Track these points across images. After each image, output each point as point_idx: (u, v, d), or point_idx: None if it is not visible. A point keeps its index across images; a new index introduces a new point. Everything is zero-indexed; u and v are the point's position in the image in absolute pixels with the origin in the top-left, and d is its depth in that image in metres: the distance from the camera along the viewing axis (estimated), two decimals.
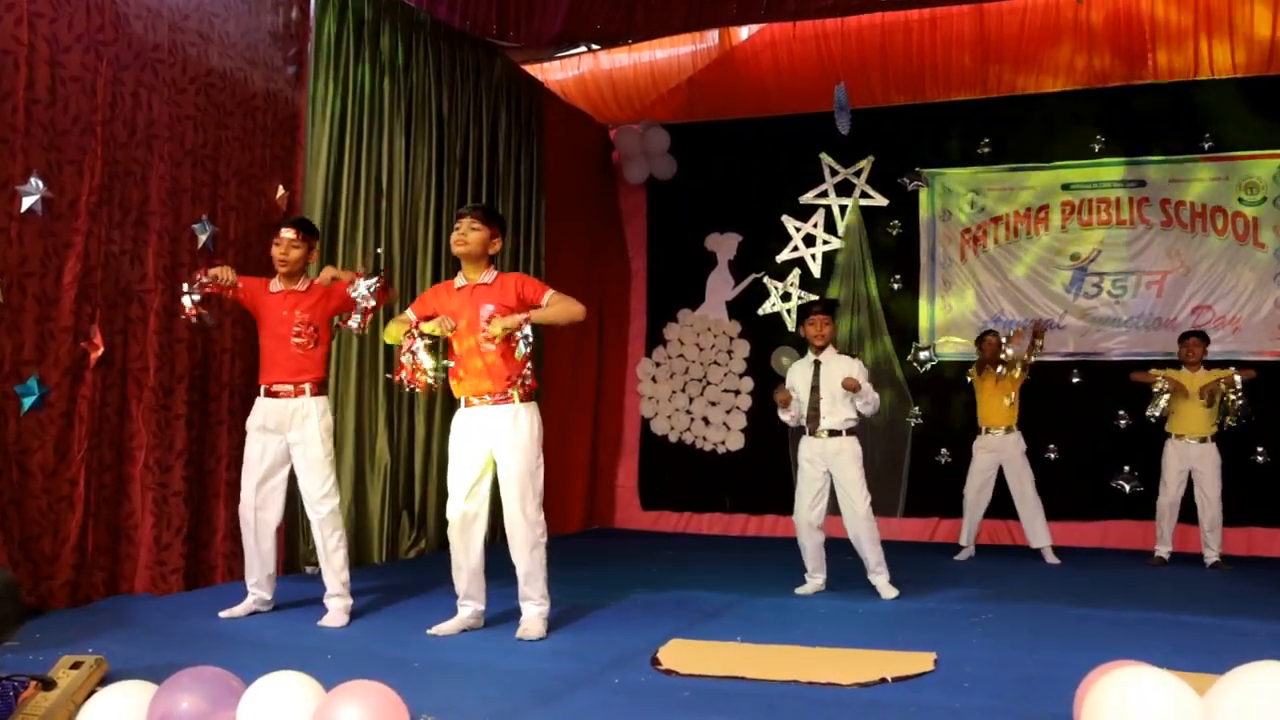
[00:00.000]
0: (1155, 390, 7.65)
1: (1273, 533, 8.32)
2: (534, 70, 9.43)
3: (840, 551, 6.39)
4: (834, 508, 6.21)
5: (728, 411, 9.76)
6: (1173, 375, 7.74)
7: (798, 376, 6.35)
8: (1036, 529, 7.79)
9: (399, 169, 7.39)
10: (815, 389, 6.20)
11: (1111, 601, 5.99)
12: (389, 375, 5.01)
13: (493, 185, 8.43)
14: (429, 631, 4.66)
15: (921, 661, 4.11)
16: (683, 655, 4.22)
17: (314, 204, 6.72)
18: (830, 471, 6.15)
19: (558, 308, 4.84)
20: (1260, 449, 8.43)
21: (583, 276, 9.73)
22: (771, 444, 9.44)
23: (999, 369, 7.90)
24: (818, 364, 6.25)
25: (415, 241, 7.60)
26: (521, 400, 4.74)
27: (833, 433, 6.15)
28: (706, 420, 9.84)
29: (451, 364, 4.81)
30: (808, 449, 6.22)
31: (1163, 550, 7.69)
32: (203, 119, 6.00)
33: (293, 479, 5.17)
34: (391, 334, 4.94)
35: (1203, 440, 7.59)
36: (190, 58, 5.90)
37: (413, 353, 4.71)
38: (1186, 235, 8.92)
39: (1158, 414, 7.64)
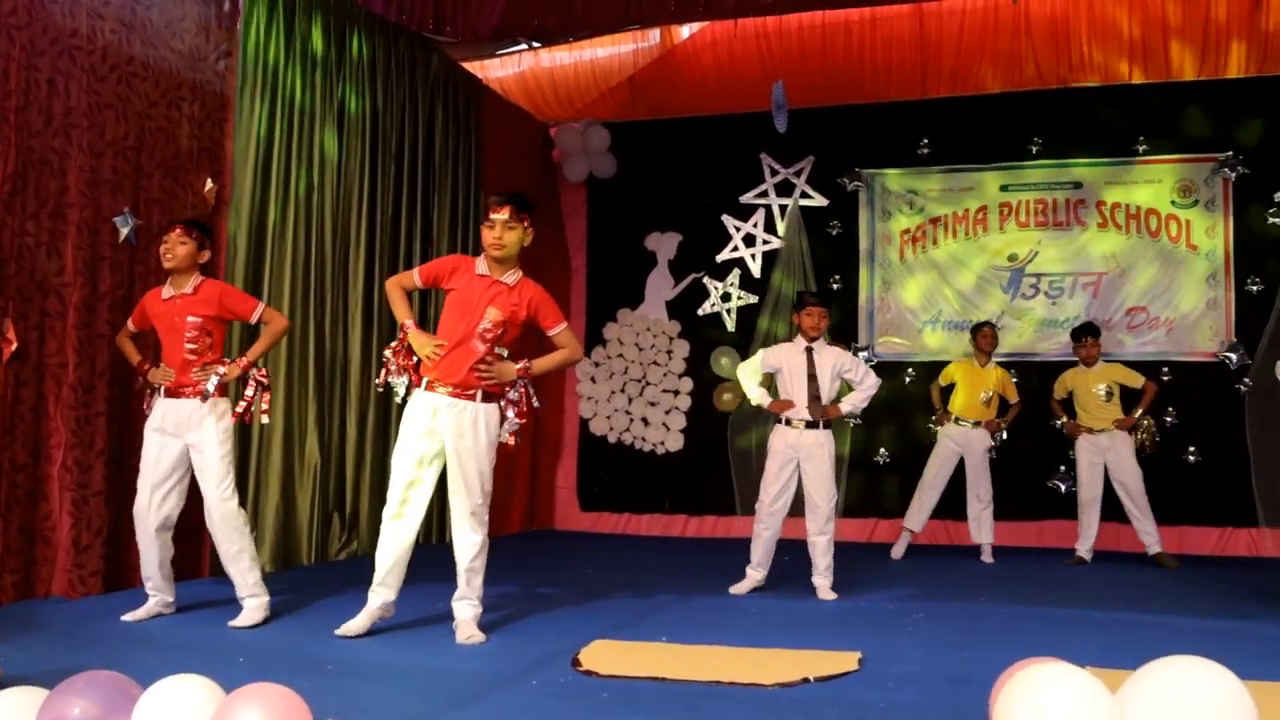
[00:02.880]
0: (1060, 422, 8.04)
1: (1204, 531, 8.41)
2: (474, 67, 9.33)
3: (780, 552, 6.36)
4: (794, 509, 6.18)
5: (667, 412, 9.71)
6: (1069, 377, 7.96)
7: (788, 361, 6.17)
8: (984, 525, 7.83)
9: (331, 164, 7.27)
10: (813, 377, 6.08)
11: (1045, 599, 6.00)
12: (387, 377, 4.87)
13: (429, 182, 8.32)
14: (336, 632, 4.53)
15: (846, 661, 4.07)
16: (605, 656, 4.15)
17: (243, 198, 6.59)
18: (801, 465, 6.05)
19: (559, 354, 4.76)
20: (1191, 448, 8.52)
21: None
22: (711, 444, 9.40)
23: (988, 364, 8.04)
24: (810, 350, 6.14)
25: (348, 237, 7.48)
26: (484, 400, 4.62)
27: (809, 425, 6.05)
28: (646, 421, 9.78)
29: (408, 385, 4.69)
30: (783, 439, 6.09)
31: (1083, 549, 7.72)
32: (124, 109, 5.85)
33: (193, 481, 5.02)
34: (394, 301, 4.80)
35: (1108, 430, 7.67)
36: (111, 45, 5.75)
37: (390, 378, 4.68)
38: (1122, 236, 8.99)
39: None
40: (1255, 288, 8.64)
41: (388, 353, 4.71)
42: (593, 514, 9.88)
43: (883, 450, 9.10)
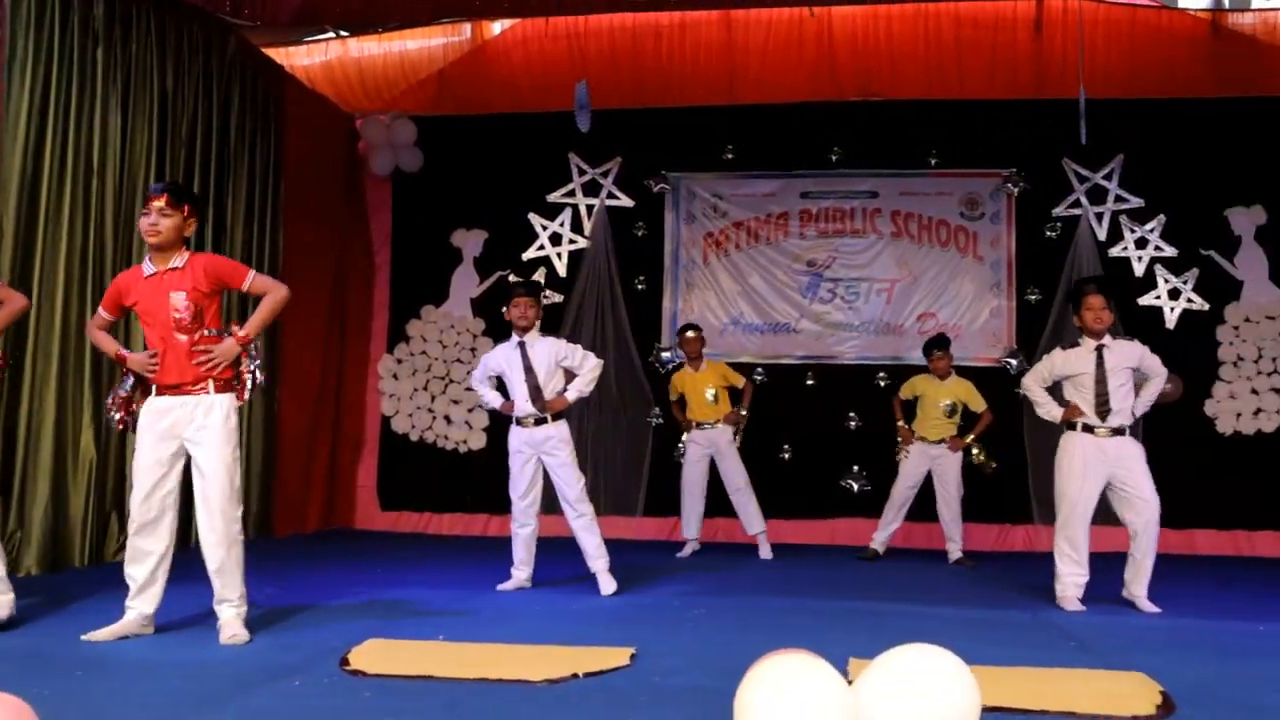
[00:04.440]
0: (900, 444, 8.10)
1: (985, 527, 8.80)
2: (278, 54, 9.05)
3: (568, 549, 6.36)
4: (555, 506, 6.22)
5: (470, 410, 9.60)
6: (919, 382, 8.08)
7: (506, 361, 6.23)
8: (750, 515, 7.96)
9: (114, 146, 6.94)
10: (530, 370, 6.11)
11: (829, 594, 6.15)
12: (108, 418, 4.72)
13: (223, 169, 8.04)
14: (83, 637, 4.31)
15: (618, 656, 4.08)
16: (375, 655, 4.06)
17: (11, 178, 6.25)
18: (543, 459, 6.11)
19: (265, 303, 4.58)
20: (974, 449, 8.88)
21: (324, 269, 9.42)
22: None
23: (701, 366, 8.09)
24: (523, 345, 6.16)
25: (132, 224, 7.12)
26: (218, 390, 4.48)
27: (539, 420, 6.10)
28: (449, 419, 9.66)
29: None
30: (518, 438, 6.16)
31: (879, 541, 7.97)
32: None
33: None
34: (100, 342, 4.72)
35: (941, 441, 7.92)
36: None
37: (124, 402, 4.54)
38: (914, 246, 9.36)
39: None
40: (1034, 297, 9.13)
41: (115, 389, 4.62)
42: (393, 513, 9.70)
43: (681, 448, 9.19)
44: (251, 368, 4.55)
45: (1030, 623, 5.26)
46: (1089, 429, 5.74)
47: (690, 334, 8.14)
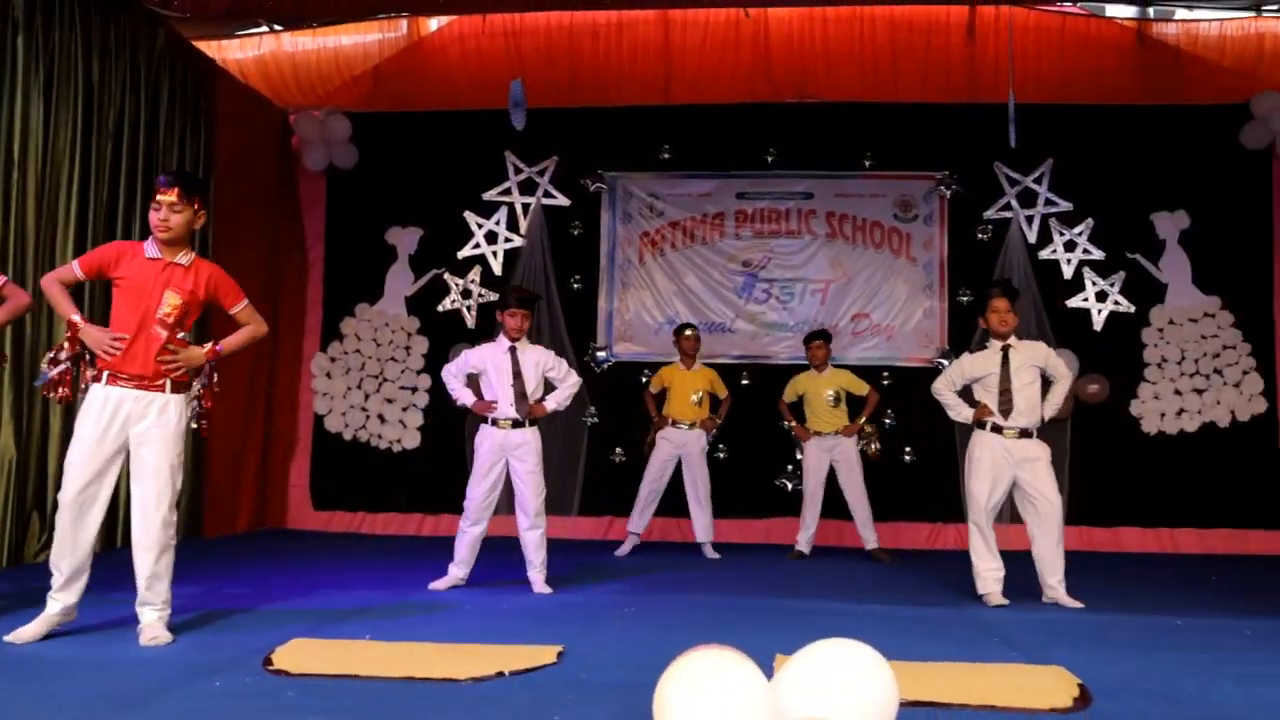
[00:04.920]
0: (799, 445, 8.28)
1: (916, 526, 8.94)
2: (210, 47, 8.93)
3: (499, 549, 6.34)
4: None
5: (404, 409, 9.53)
6: (800, 381, 8.24)
7: (491, 361, 6.18)
8: (703, 524, 8.03)
9: (35, 138, 6.79)
10: (518, 375, 6.12)
11: (758, 592, 6.17)
12: (37, 383, 4.54)
13: (151, 163, 7.89)
14: (7, 638, 4.20)
15: (545, 654, 4.07)
16: (299, 655, 4.01)
17: None
18: (510, 463, 6.09)
19: (245, 332, 4.63)
20: (907, 449, 9.01)
21: (256, 266, 9.28)
22: (449, 442, 9.28)
23: (695, 366, 8.16)
24: (514, 349, 6.16)
25: (55, 218, 7.02)
26: (174, 390, 4.40)
27: (516, 424, 6.09)
28: (383, 418, 9.57)
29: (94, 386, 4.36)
30: (489, 439, 6.11)
31: (803, 543, 8.07)
32: None
33: None
34: (55, 299, 4.40)
35: (835, 433, 8.02)
36: None
37: (68, 366, 4.34)
38: (848, 247, 9.44)
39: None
40: (965, 299, 9.25)
41: (57, 354, 4.39)
42: (326, 513, 9.58)
43: (619, 450, 9.21)
44: (200, 390, 4.54)
45: (955, 619, 5.33)
46: (997, 429, 5.87)
47: (689, 333, 8.22)
